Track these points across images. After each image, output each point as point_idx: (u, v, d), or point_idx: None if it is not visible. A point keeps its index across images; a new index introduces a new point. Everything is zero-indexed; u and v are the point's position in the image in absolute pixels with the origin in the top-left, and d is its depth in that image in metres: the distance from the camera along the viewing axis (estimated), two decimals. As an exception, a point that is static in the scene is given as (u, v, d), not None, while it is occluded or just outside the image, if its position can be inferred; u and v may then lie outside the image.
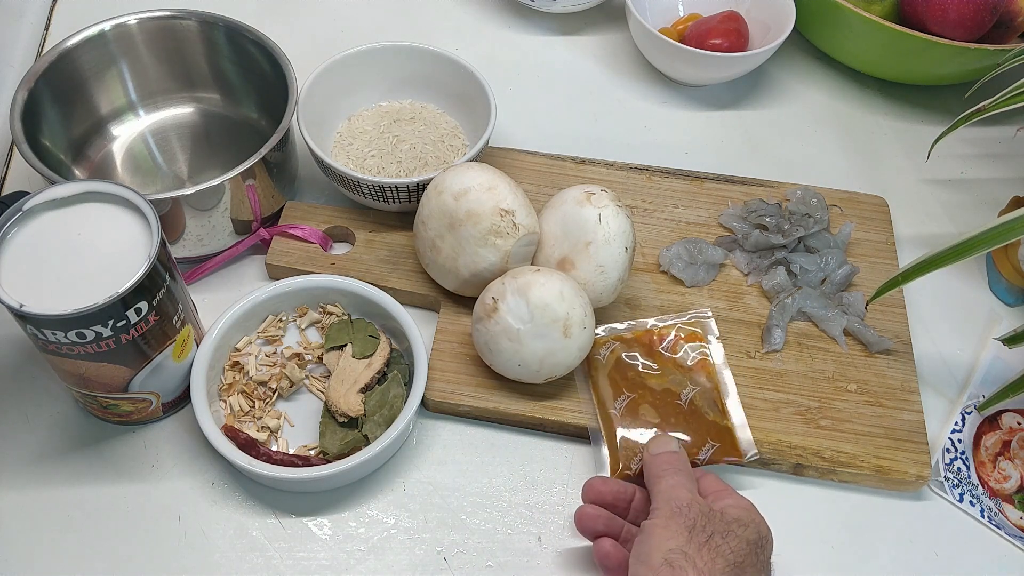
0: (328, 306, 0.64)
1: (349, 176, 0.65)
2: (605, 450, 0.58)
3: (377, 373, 0.60)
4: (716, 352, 0.63)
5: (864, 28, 0.78)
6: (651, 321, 0.64)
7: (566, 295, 0.57)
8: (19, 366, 0.63)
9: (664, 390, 0.60)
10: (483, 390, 0.61)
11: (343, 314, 0.64)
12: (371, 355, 0.61)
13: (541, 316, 0.56)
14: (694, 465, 0.57)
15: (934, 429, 0.64)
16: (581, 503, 0.55)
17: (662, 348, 0.62)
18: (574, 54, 0.88)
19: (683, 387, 0.61)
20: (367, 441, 0.57)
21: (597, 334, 0.62)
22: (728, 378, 0.62)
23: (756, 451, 0.58)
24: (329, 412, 0.59)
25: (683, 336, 0.63)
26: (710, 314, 0.64)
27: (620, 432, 0.58)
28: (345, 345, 0.62)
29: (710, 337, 0.63)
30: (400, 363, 0.62)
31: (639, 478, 0.55)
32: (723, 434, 0.59)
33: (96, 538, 0.56)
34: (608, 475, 0.58)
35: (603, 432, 0.59)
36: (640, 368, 0.61)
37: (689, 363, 0.62)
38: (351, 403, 0.58)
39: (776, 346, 0.65)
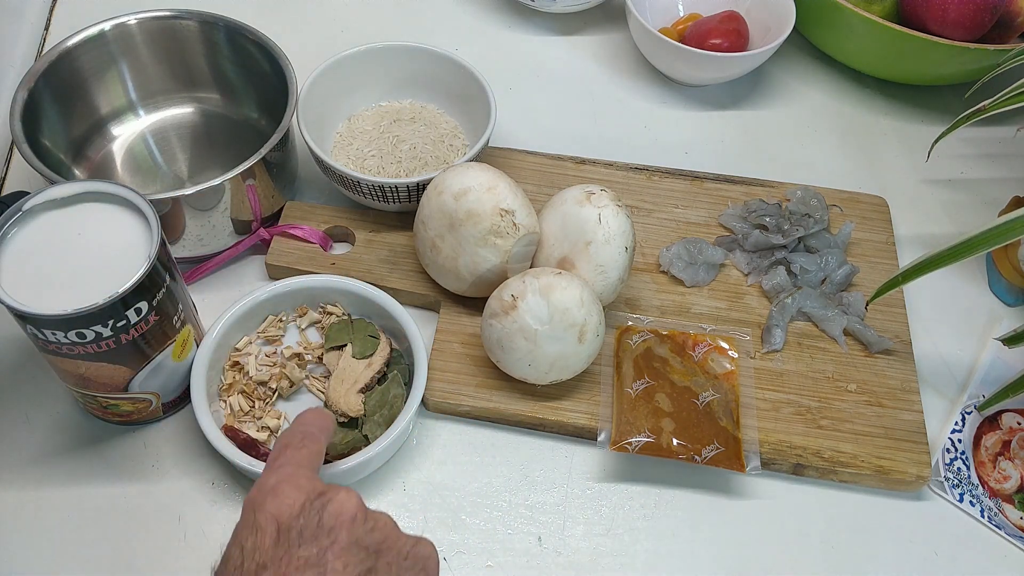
0: (328, 306, 0.64)
1: (349, 176, 0.65)
2: (610, 426, 0.59)
3: (377, 373, 0.60)
4: (745, 371, 0.63)
5: (864, 28, 0.78)
6: (691, 328, 0.64)
7: (585, 301, 0.57)
8: (19, 366, 0.63)
9: (684, 387, 0.61)
10: (483, 390, 0.62)
11: (343, 314, 0.64)
12: (371, 355, 0.61)
13: (560, 319, 0.56)
14: (692, 462, 0.57)
15: (934, 429, 0.63)
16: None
17: (693, 353, 0.63)
18: (574, 54, 0.88)
19: (704, 390, 0.61)
20: (367, 441, 0.57)
21: (639, 319, 0.64)
22: (750, 397, 0.62)
23: (758, 465, 0.58)
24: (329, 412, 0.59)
25: (716, 348, 0.63)
26: (748, 336, 0.64)
27: (628, 409, 0.59)
28: (345, 345, 0.62)
29: (743, 356, 0.63)
30: (400, 363, 0.62)
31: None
32: (730, 442, 0.58)
33: (96, 538, 0.56)
34: (608, 447, 0.58)
35: (614, 405, 0.60)
36: (667, 362, 0.62)
37: (717, 371, 0.62)
38: (351, 403, 0.58)
39: (776, 346, 0.65)
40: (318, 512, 0.40)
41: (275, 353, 0.63)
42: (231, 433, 0.57)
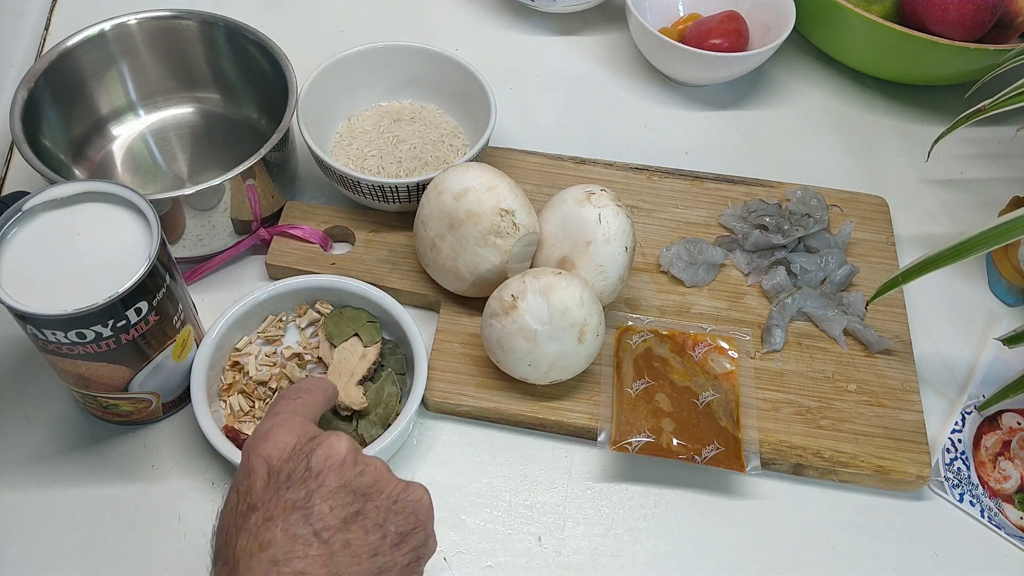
0: (318, 303, 0.64)
1: (349, 176, 0.65)
2: (610, 427, 0.59)
3: (373, 364, 0.60)
4: (745, 371, 0.63)
5: (864, 28, 0.78)
6: (691, 328, 0.64)
7: (585, 301, 0.57)
8: (19, 366, 0.63)
9: (684, 387, 0.61)
10: (483, 390, 0.62)
11: (329, 311, 0.64)
12: (377, 342, 0.61)
13: (560, 319, 0.56)
14: (692, 462, 0.57)
15: (934, 429, 0.63)
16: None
17: (693, 353, 0.63)
18: (574, 54, 0.88)
19: (704, 390, 0.61)
20: (363, 441, 0.57)
21: (639, 319, 0.64)
22: (750, 397, 0.62)
23: (758, 465, 0.58)
24: (331, 410, 0.59)
25: (716, 348, 0.63)
26: (748, 336, 0.64)
27: (628, 409, 0.59)
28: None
29: (743, 356, 0.63)
30: (396, 353, 0.62)
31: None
32: (730, 442, 0.58)
33: (96, 538, 0.56)
34: (608, 447, 0.58)
35: (614, 405, 0.60)
36: (667, 362, 0.62)
37: (717, 371, 0.62)
38: (352, 396, 0.58)
39: (776, 346, 0.65)
40: (307, 456, 0.41)
41: (275, 353, 0.63)
42: (231, 433, 0.57)
